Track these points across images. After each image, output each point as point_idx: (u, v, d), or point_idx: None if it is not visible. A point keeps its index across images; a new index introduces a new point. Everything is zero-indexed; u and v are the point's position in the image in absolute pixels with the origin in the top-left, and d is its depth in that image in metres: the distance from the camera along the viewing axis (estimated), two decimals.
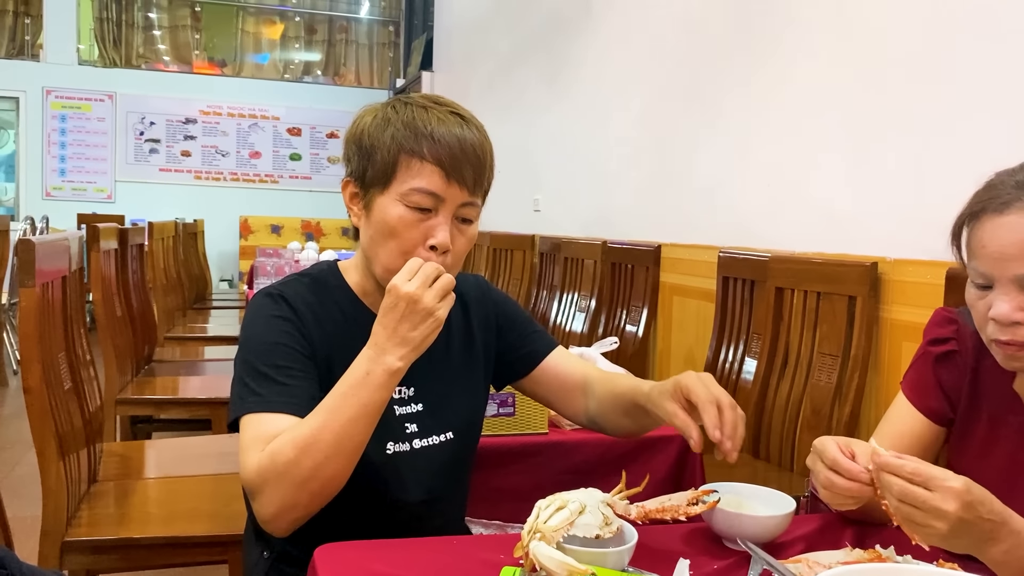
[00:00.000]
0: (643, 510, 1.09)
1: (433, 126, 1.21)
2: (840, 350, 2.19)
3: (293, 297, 1.25)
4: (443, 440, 1.32)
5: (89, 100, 8.71)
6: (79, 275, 1.98)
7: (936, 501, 0.91)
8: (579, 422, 1.46)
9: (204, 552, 1.70)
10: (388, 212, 1.21)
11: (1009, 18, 1.87)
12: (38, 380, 1.57)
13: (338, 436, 1.09)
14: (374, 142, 1.23)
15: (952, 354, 1.22)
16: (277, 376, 1.18)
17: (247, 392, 1.18)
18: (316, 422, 1.10)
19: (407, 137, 1.21)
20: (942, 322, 1.26)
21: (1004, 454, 1.15)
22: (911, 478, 0.94)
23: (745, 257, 2.68)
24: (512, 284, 4.80)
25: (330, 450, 1.09)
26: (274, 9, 9.87)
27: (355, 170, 1.26)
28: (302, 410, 1.15)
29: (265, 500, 1.11)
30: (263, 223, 8.90)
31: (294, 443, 1.09)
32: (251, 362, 1.20)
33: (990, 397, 1.19)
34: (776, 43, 2.73)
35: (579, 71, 4.41)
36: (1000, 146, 1.86)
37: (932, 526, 0.91)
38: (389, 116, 1.24)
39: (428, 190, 1.20)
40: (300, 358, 1.21)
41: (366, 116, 1.27)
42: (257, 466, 1.10)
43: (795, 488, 1.78)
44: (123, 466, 2.18)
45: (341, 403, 1.10)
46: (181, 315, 4.93)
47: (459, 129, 1.22)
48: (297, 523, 1.13)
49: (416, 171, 1.20)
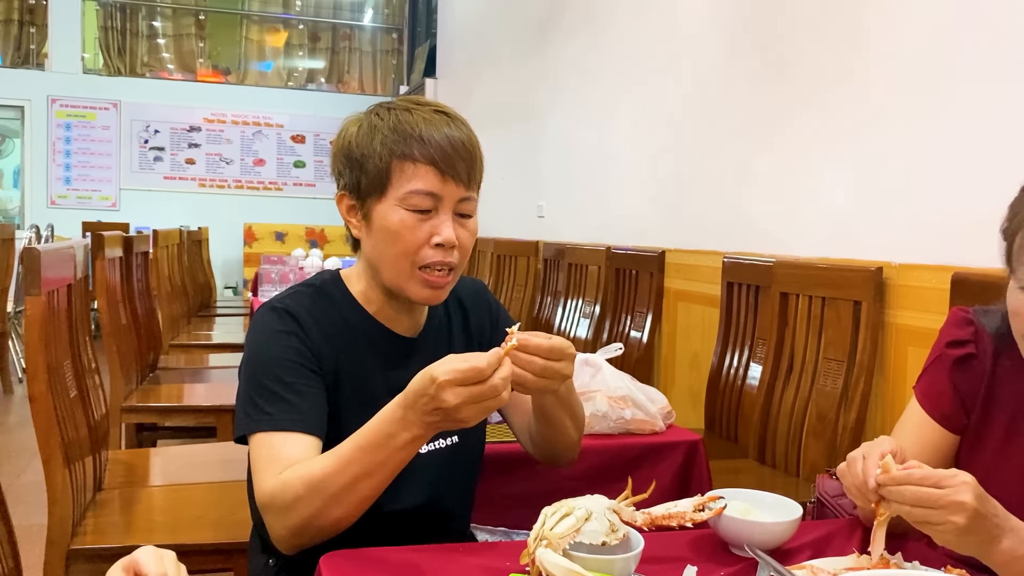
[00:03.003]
0: (649, 517, 1.09)
1: (421, 127, 1.21)
2: (845, 355, 2.19)
3: (297, 310, 1.25)
4: (447, 445, 1.32)
5: (94, 108, 8.74)
6: (84, 283, 1.98)
7: (952, 496, 0.93)
8: (522, 441, 1.45)
9: (209, 560, 1.70)
10: (389, 218, 1.21)
11: (1015, 25, 1.87)
12: (44, 388, 1.57)
13: (348, 487, 1.08)
14: (364, 151, 1.23)
15: (970, 357, 1.21)
16: (285, 393, 1.18)
17: (255, 410, 1.18)
18: (330, 467, 1.09)
19: (396, 142, 1.21)
20: (960, 323, 1.24)
21: (1021, 458, 1.15)
22: (921, 482, 0.95)
23: (750, 262, 2.68)
24: (516, 290, 4.80)
25: (339, 496, 1.08)
26: (278, 17, 9.90)
27: (348, 182, 1.26)
28: (311, 427, 1.16)
29: (272, 523, 1.13)
30: (267, 230, 8.91)
31: (303, 480, 1.09)
32: (258, 378, 1.20)
33: (1007, 400, 1.18)
34: (781, 50, 2.73)
35: (582, 78, 4.41)
36: (1005, 153, 1.85)
37: (950, 521, 0.93)
38: (375, 123, 1.24)
39: (426, 190, 1.20)
40: (307, 372, 1.21)
41: (350, 127, 1.27)
42: (270, 491, 1.11)
43: (801, 494, 1.77)
44: (128, 474, 2.17)
45: (359, 456, 1.08)
46: (186, 322, 4.94)
47: (446, 127, 1.23)
48: (303, 547, 1.14)
49: (411, 174, 1.20)
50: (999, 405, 1.18)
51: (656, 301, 3.33)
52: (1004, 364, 1.17)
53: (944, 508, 0.93)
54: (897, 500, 0.97)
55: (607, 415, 1.74)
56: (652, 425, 1.78)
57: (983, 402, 1.19)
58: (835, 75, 2.45)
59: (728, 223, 2.99)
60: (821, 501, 1.44)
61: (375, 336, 1.29)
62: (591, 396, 1.76)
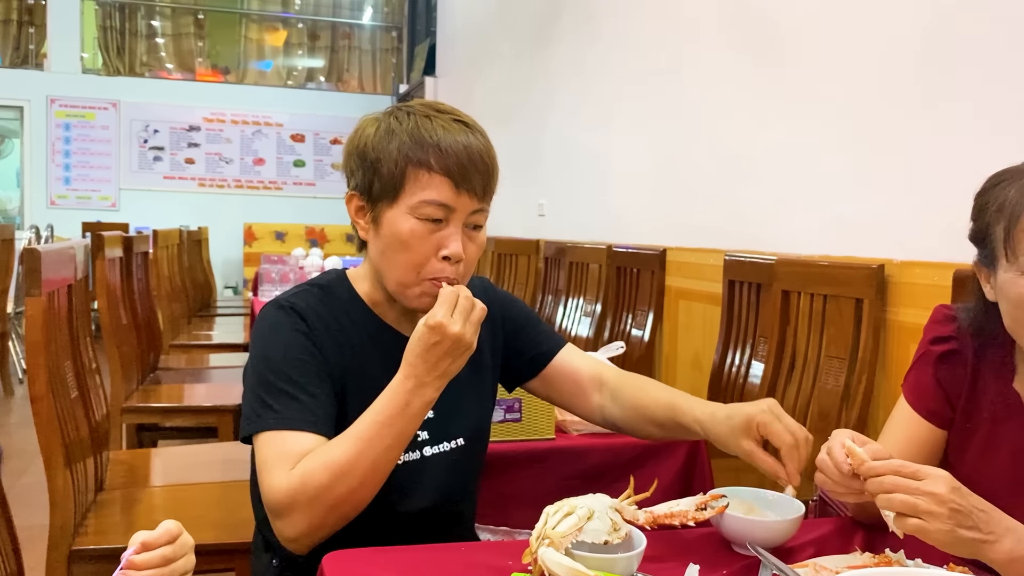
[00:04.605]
0: (651, 515, 1.09)
1: (439, 135, 1.19)
2: (847, 353, 2.19)
3: (305, 309, 1.23)
4: (453, 447, 1.31)
5: (93, 108, 8.73)
6: (84, 283, 1.98)
7: (928, 486, 0.95)
8: (593, 420, 1.44)
9: (211, 560, 1.70)
10: (399, 226, 1.19)
11: (1017, 22, 1.86)
12: (44, 389, 1.57)
13: (375, 464, 1.10)
14: (379, 154, 1.20)
15: (953, 353, 1.23)
16: (294, 392, 1.17)
17: (263, 408, 1.16)
18: (352, 448, 1.10)
19: (413, 148, 1.18)
20: (943, 320, 1.26)
21: (1007, 454, 1.16)
22: (899, 470, 0.97)
23: (751, 260, 2.67)
24: (517, 289, 4.80)
25: (365, 477, 1.10)
26: (277, 16, 9.90)
27: (360, 183, 1.24)
28: (320, 427, 1.15)
29: (293, 521, 1.11)
30: (267, 230, 8.90)
31: (327, 468, 1.09)
32: (266, 376, 1.18)
33: (991, 396, 1.19)
34: (781, 47, 2.72)
35: (583, 75, 4.41)
36: (1006, 150, 1.85)
37: (934, 511, 0.94)
38: (393, 127, 1.21)
39: (439, 201, 1.18)
40: (315, 372, 1.19)
41: (367, 127, 1.24)
42: (287, 488, 1.09)
43: (804, 492, 1.77)
44: (129, 474, 2.17)
45: (379, 431, 1.10)
46: (186, 323, 4.94)
47: (464, 137, 1.21)
48: (320, 541, 1.13)
49: (425, 183, 1.18)
50: (982, 401, 1.20)
51: (657, 299, 3.33)
52: (986, 362, 1.19)
53: (924, 496, 0.95)
54: (874, 487, 0.98)
55: None
56: None
57: (967, 398, 1.21)
58: (835, 72, 2.45)
59: (729, 221, 2.99)
60: (823, 499, 1.44)
61: (381, 337, 1.29)
62: None
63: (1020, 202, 1.06)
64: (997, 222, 1.09)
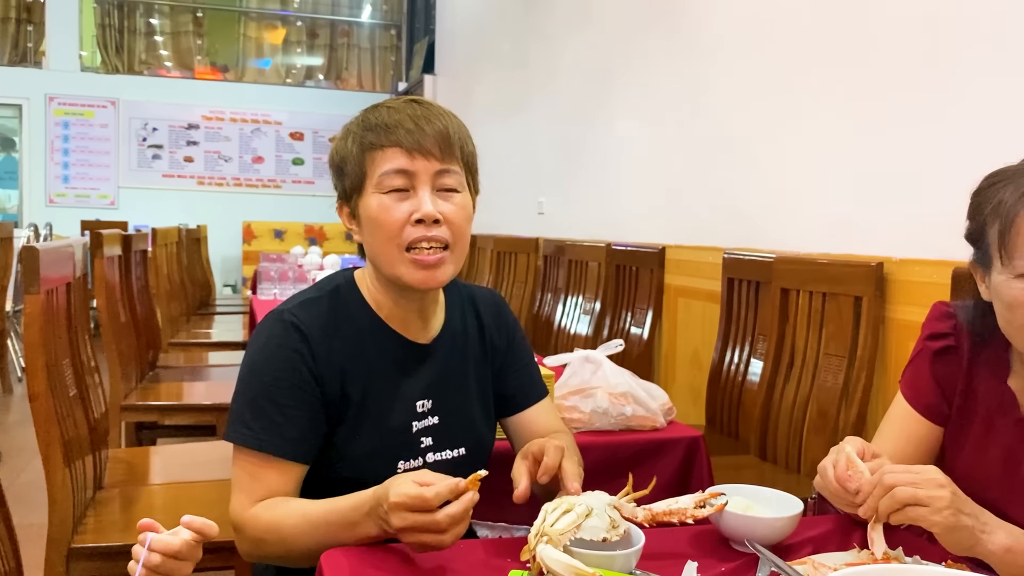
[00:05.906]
0: (650, 513, 1.09)
1: (384, 116, 1.24)
2: (846, 351, 2.19)
3: (309, 326, 1.23)
4: (455, 456, 1.32)
5: (92, 107, 8.73)
6: (83, 282, 1.98)
7: (926, 474, 0.99)
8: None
9: (210, 558, 1.68)
10: (370, 207, 1.23)
11: (1013, 21, 1.86)
12: (43, 387, 1.57)
13: (308, 548, 1.13)
14: (343, 155, 1.27)
15: (950, 349, 1.24)
16: (272, 413, 1.20)
17: (240, 422, 1.21)
18: (297, 526, 1.14)
19: (364, 135, 1.24)
20: (941, 316, 1.27)
21: (1000, 451, 1.16)
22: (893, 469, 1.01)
23: (750, 258, 2.67)
24: (516, 287, 4.80)
25: (299, 553, 1.15)
26: (276, 14, 9.89)
27: (340, 191, 1.30)
28: (293, 452, 1.20)
29: (240, 542, 1.21)
30: (266, 228, 8.90)
31: (270, 529, 1.16)
32: (250, 389, 1.22)
33: (985, 394, 1.20)
34: (780, 46, 2.72)
35: (582, 73, 4.41)
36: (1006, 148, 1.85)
37: (935, 495, 0.97)
38: (350, 128, 1.28)
39: (394, 168, 1.21)
40: (299, 394, 1.21)
41: (335, 140, 1.31)
42: (240, 518, 1.19)
43: (802, 490, 1.77)
44: (128, 472, 2.17)
45: (323, 529, 1.13)
46: (185, 321, 4.93)
47: (411, 109, 1.25)
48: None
49: (380, 160, 1.22)
50: (977, 398, 1.21)
51: (656, 297, 3.33)
52: (982, 359, 1.20)
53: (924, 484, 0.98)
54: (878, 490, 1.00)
55: (608, 411, 1.74)
56: (653, 421, 1.78)
57: (962, 394, 1.22)
58: (835, 70, 2.45)
59: (728, 219, 2.99)
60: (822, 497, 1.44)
61: (388, 343, 1.29)
62: (592, 392, 1.75)
63: (1015, 205, 1.06)
64: (992, 224, 1.09)
